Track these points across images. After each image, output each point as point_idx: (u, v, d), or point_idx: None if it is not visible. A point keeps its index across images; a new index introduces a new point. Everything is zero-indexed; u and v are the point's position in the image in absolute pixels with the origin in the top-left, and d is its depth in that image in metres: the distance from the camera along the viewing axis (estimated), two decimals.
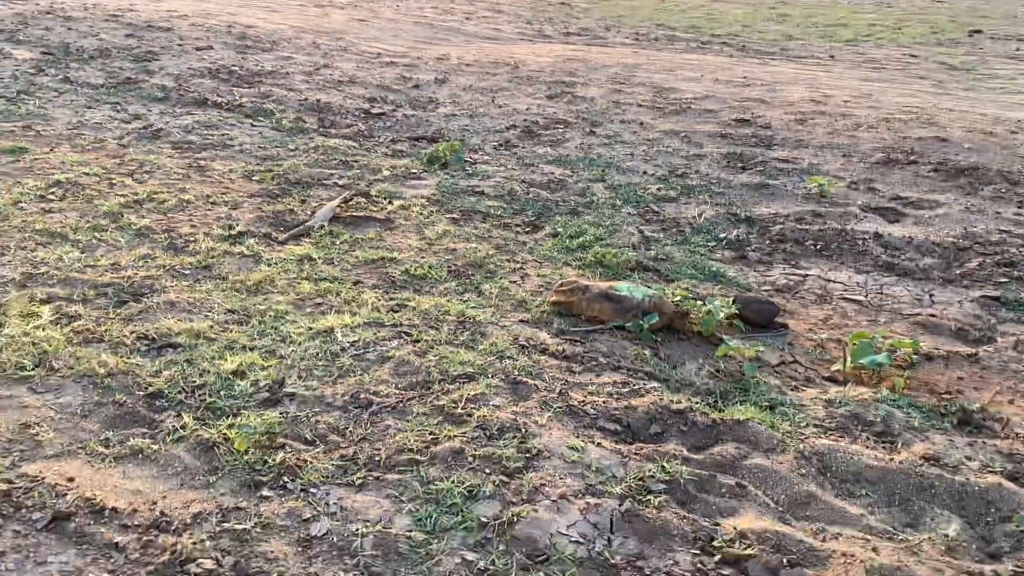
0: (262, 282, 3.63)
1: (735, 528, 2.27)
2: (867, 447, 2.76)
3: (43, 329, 3.01)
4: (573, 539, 2.19)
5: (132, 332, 3.08)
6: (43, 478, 2.21)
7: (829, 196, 5.40)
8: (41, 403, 2.60)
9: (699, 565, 2.14)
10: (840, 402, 3.02)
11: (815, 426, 2.86)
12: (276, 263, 3.86)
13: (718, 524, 2.30)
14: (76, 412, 2.58)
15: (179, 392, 2.73)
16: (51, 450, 2.37)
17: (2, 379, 2.70)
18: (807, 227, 4.88)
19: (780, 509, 2.42)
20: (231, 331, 3.16)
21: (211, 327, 3.17)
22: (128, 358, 2.90)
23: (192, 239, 4.05)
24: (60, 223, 4.08)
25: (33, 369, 2.77)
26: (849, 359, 3.28)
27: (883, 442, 2.81)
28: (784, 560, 2.15)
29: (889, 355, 3.26)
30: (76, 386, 2.72)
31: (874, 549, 2.23)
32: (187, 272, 3.70)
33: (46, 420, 2.51)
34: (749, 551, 2.17)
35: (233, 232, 4.19)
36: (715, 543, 2.22)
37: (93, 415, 2.58)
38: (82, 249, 3.83)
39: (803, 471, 2.59)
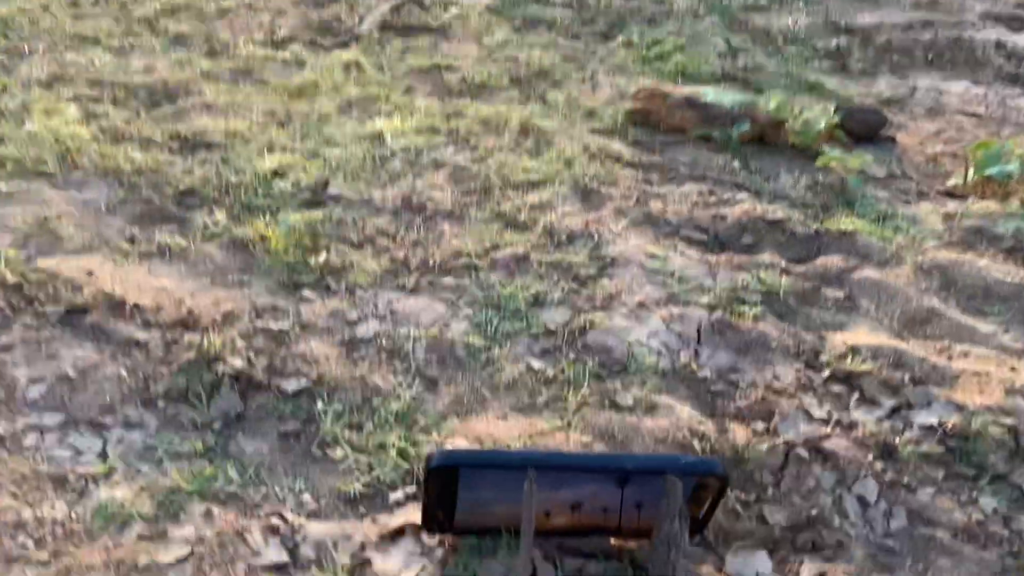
0: (305, 86, 3.29)
1: (845, 343, 1.94)
2: (996, 262, 2.37)
3: (68, 125, 2.74)
4: (654, 349, 1.90)
5: (163, 131, 2.79)
6: (60, 273, 1.97)
7: (942, 3, 4.74)
8: (62, 198, 2.35)
9: (804, 380, 1.83)
10: (962, 215, 2.62)
11: (934, 239, 2.48)
12: (321, 68, 3.50)
13: (824, 338, 1.98)
14: (100, 208, 2.33)
15: (212, 190, 2.45)
16: (71, 245, 2.13)
17: (22, 174, 2.45)
18: (916, 36, 4.29)
19: (897, 325, 2.08)
20: (271, 132, 2.86)
21: (249, 127, 2.87)
22: (158, 155, 2.63)
23: (232, 44, 3.70)
24: (92, 28, 3.75)
25: (55, 165, 2.51)
26: (972, 170, 2.84)
27: (1015, 257, 2.42)
28: (905, 377, 1.83)
29: (1021, 164, 2.81)
30: (101, 182, 2.45)
31: (1012, 368, 1.89)
32: (225, 76, 3.37)
33: (67, 215, 2.26)
34: (864, 367, 1.84)
35: (276, 38, 3.83)
36: (822, 358, 1.90)
37: (118, 211, 2.32)
38: (115, 53, 3.52)
39: (923, 285, 2.23)
